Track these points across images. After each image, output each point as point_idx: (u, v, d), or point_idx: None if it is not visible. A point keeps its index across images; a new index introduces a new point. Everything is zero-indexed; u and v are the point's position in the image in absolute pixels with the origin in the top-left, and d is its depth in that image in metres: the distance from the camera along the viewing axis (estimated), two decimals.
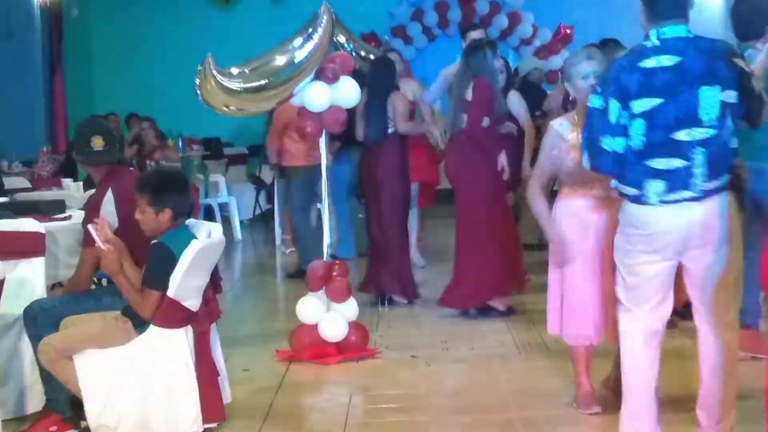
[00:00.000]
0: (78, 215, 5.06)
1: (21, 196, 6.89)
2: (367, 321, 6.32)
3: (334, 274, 5.78)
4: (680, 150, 3.65)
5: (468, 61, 6.66)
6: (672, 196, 3.68)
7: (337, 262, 5.92)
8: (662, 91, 3.66)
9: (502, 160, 6.62)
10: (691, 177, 3.66)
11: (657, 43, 3.71)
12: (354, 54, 7.03)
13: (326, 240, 5.95)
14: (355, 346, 5.80)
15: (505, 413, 4.68)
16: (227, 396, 4.47)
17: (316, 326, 5.75)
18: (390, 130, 7.13)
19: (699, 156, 3.64)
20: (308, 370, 5.59)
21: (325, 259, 5.89)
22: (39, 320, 4.34)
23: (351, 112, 6.36)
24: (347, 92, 5.76)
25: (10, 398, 4.59)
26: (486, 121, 6.52)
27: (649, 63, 3.68)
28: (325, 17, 5.59)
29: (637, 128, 3.69)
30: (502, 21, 14.62)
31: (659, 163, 3.67)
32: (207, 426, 4.19)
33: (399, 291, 7.25)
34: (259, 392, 5.17)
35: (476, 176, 6.57)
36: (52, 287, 4.96)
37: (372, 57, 7.52)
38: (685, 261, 3.81)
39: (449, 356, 5.83)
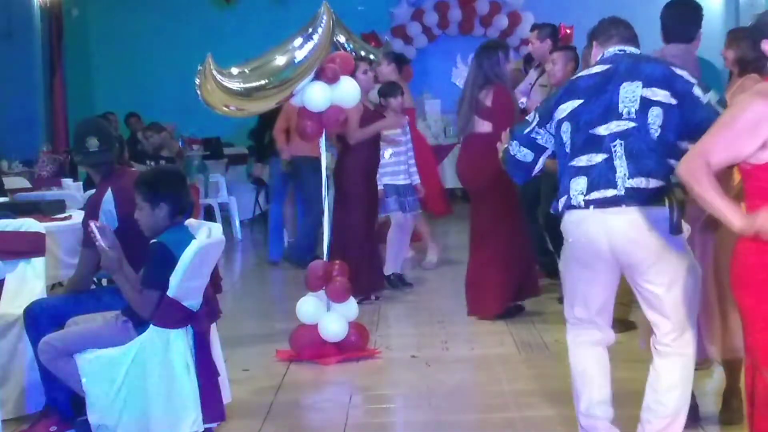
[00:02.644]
0: (78, 215, 5.07)
1: (21, 196, 6.90)
2: (367, 321, 6.33)
3: (334, 274, 5.79)
4: (601, 145, 3.63)
5: (481, 62, 6.53)
6: (595, 194, 3.60)
7: (338, 262, 5.92)
8: (583, 93, 3.71)
9: None
10: (613, 171, 3.58)
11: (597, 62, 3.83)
12: (354, 54, 7.02)
13: (326, 240, 5.96)
14: (355, 346, 5.79)
15: (505, 413, 4.68)
16: (227, 396, 4.46)
17: (316, 326, 5.74)
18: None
19: (618, 148, 3.59)
20: (308, 370, 5.58)
21: (325, 258, 5.90)
22: (39, 320, 4.35)
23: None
24: (347, 92, 5.77)
25: (10, 398, 4.59)
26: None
27: (582, 74, 3.84)
28: (325, 17, 5.60)
29: (566, 133, 3.73)
30: (502, 21, 14.59)
31: (581, 161, 3.66)
32: (207, 426, 4.18)
33: (359, 290, 7.05)
34: (259, 392, 5.17)
35: (491, 180, 6.33)
36: (52, 287, 4.97)
37: (372, 57, 7.52)
38: (637, 288, 3.71)
39: (449, 356, 5.83)
